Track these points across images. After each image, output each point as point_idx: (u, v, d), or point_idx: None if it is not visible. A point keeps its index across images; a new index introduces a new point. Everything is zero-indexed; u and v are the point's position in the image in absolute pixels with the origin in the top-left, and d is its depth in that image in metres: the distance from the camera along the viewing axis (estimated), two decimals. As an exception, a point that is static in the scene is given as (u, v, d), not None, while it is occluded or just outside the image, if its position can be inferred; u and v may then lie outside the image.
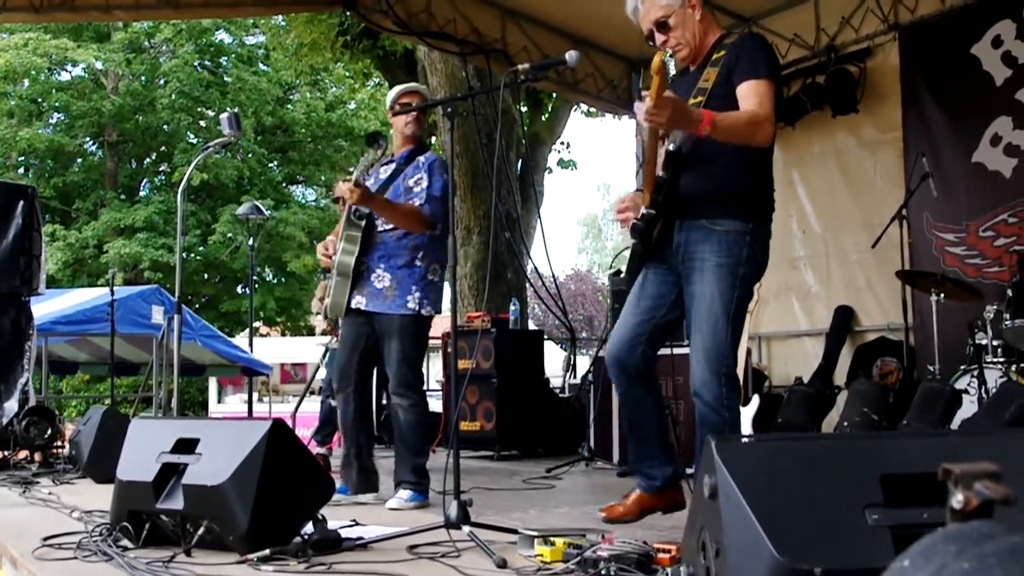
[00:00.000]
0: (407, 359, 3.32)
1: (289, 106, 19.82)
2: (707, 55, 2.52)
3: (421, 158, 3.45)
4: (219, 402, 17.95)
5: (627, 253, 2.60)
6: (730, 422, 2.41)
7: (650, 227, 2.45)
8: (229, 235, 17.54)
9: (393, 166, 3.50)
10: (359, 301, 3.36)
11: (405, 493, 3.28)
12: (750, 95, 2.38)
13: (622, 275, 2.76)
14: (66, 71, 19.12)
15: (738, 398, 2.47)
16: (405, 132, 3.50)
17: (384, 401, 5.39)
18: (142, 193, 19.43)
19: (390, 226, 3.36)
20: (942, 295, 4.51)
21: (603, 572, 2.00)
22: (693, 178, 2.37)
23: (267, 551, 2.19)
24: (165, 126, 18.50)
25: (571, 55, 2.81)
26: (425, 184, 3.36)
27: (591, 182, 52.28)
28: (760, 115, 2.34)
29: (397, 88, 3.60)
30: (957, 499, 0.57)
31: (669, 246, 2.49)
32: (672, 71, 2.38)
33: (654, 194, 2.42)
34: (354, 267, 3.34)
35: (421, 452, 3.37)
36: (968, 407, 4.02)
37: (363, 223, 3.34)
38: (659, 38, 2.53)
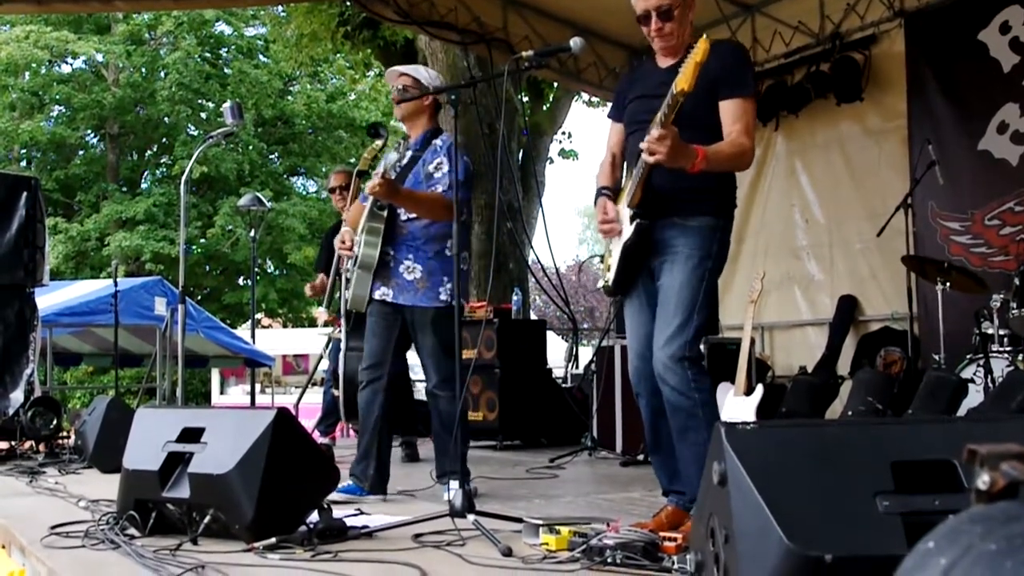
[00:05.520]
0: (447, 352, 3.21)
1: (289, 97, 19.76)
2: (683, 55, 2.48)
3: (438, 141, 3.33)
4: (222, 393, 17.99)
5: (598, 259, 2.59)
6: (702, 403, 2.39)
7: (650, 225, 2.46)
8: (229, 227, 17.52)
9: (410, 153, 3.36)
10: (384, 292, 3.25)
11: (455, 484, 3.20)
12: (737, 117, 2.44)
13: (604, 282, 2.71)
14: (67, 63, 19.09)
15: (707, 380, 2.46)
16: (397, 115, 3.42)
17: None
18: (143, 185, 19.42)
19: (414, 215, 3.25)
20: (947, 284, 4.49)
21: (609, 560, 1.99)
22: (666, 176, 2.37)
23: (273, 539, 2.19)
24: (166, 118, 18.47)
25: (575, 42, 2.78)
26: (447, 168, 3.21)
27: (592, 172, 51.83)
28: (746, 146, 2.43)
29: (387, 73, 3.46)
30: (983, 480, 0.56)
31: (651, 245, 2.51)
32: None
33: (647, 192, 2.42)
34: (378, 258, 3.24)
35: (467, 441, 3.33)
36: (974, 396, 4.01)
37: (385, 214, 3.23)
38: (655, 24, 2.50)
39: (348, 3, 6.71)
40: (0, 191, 5.42)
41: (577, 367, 7.01)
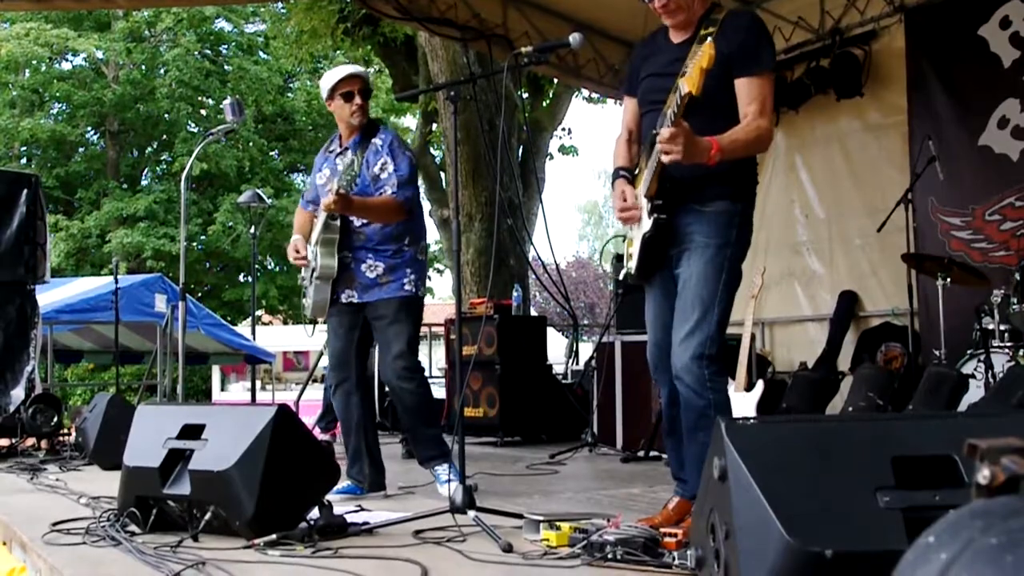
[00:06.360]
0: (410, 341, 3.21)
1: (289, 94, 19.77)
2: (695, 28, 2.41)
3: (377, 140, 3.24)
4: (222, 390, 18.01)
5: (614, 241, 2.54)
6: (715, 404, 2.34)
7: (669, 216, 2.40)
8: (230, 224, 17.53)
9: (349, 155, 3.26)
10: (350, 295, 3.22)
11: (442, 468, 3.17)
12: (753, 96, 2.33)
13: (627, 269, 2.65)
14: (67, 60, 19.08)
15: (724, 380, 2.41)
16: (352, 123, 3.25)
17: (387, 389, 5.39)
18: (144, 182, 19.43)
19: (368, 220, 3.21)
20: (948, 279, 4.49)
21: (609, 556, 1.99)
22: (681, 163, 2.27)
23: (273, 536, 2.19)
24: (166, 115, 18.47)
25: (575, 37, 2.77)
26: (392, 168, 3.17)
27: (592, 168, 51.92)
28: (763, 128, 2.33)
29: (339, 72, 3.31)
30: (983, 474, 0.56)
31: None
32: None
33: (663, 182, 2.37)
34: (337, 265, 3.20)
35: (437, 423, 3.32)
36: (975, 392, 4.01)
37: (338, 223, 3.19)
38: None
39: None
40: (1, 188, 5.42)
41: (577, 363, 7.00)
